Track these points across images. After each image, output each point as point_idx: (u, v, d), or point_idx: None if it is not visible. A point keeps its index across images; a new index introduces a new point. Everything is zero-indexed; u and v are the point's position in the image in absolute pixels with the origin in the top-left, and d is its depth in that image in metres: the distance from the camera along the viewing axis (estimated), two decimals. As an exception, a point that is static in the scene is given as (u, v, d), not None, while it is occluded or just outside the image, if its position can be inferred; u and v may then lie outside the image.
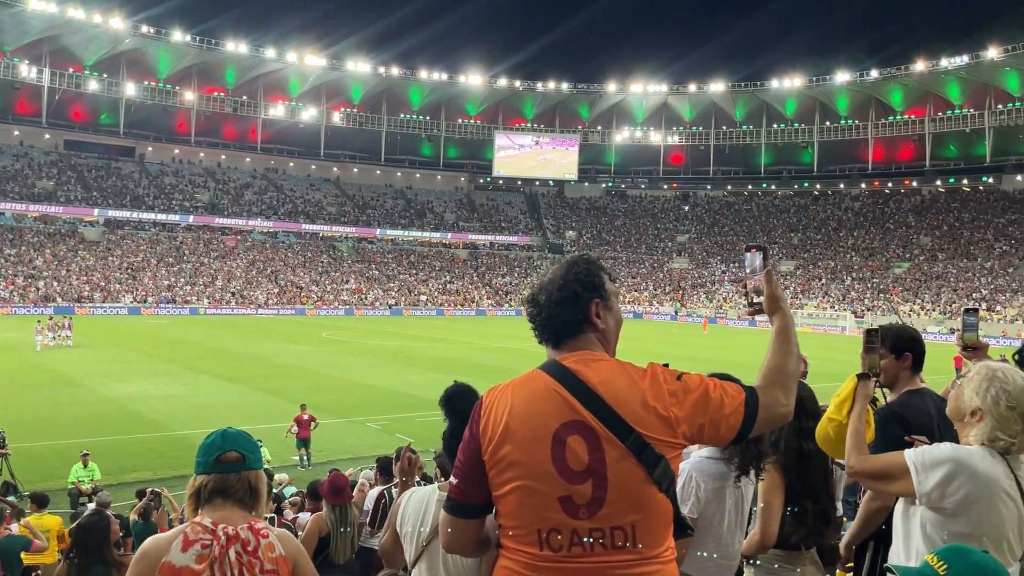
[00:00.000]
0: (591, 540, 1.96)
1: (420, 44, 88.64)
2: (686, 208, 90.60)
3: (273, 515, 6.36)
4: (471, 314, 67.60)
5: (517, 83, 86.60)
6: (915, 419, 3.16)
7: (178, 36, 71.72)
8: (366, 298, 67.96)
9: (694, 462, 3.31)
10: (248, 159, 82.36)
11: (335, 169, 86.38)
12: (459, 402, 2.96)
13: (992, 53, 68.18)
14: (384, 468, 7.61)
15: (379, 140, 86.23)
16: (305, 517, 6.65)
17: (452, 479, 2.17)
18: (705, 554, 3.28)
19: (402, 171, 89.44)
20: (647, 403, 2.00)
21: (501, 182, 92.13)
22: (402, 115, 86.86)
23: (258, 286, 65.39)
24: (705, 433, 2.05)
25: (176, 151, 79.10)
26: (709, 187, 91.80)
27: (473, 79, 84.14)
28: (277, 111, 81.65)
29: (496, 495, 2.07)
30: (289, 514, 8.35)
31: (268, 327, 48.78)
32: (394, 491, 6.26)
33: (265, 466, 11.97)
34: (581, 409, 1.99)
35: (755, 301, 2.36)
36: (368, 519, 6.35)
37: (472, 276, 77.51)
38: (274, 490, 10.96)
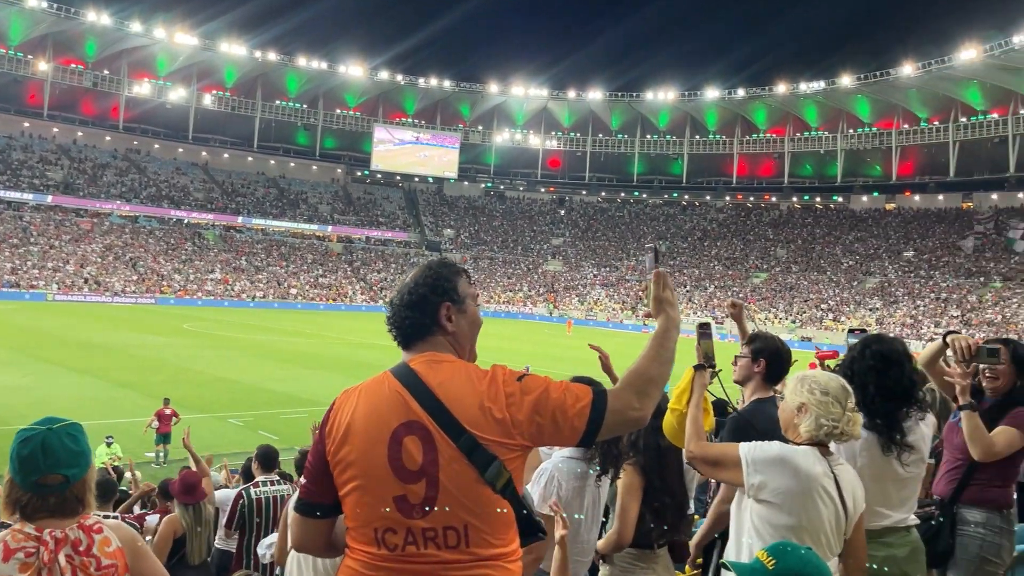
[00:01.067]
0: (425, 539, 1.99)
1: (299, 30, 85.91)
2: (562, 212, 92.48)
3: (115, 515, 6.02)
4: (344, 309, 66.35)
5: (399, 77, 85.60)
6: (762, 425, 3.34)
7: (33, 2, 66.53)
8: (232, 289, 65.42)
9: (555, 462, 3.38)
10: (108, 138, 77.46)
11: (204, 153, 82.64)
12: None
13: (846, 81, 73.28)
14: (247, 470, 7.37)
15: (252, 126, 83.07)
16: (153, 519, 6.33)
17: (301, 479, 2.21)
18: None
19: (276, 159, 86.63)
20: (483, 404, 2.00)
21: (379, 176, 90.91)
22: (278, 102, 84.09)
23: (115, 272, 61.63)
24: (546, 434, 2.05)
25: (26, 124, 73.36)
26: (584, 192, 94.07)
27: (354, 70, 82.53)
28: (142, 89, 77.20)
29: (340, 495, 2.10)
30: (137, 510, 7.93)
31: (125, 316, 46.09)
32: (252, 491, 6.08)
33: (115, 463, 11.30)
34: (419, 410, 2.02)
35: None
36: (225, 520, 6.12)
37: (346, 270, 76.08)
38: (125, 488, 10.37)
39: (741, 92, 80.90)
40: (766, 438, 2.95)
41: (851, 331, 4.30)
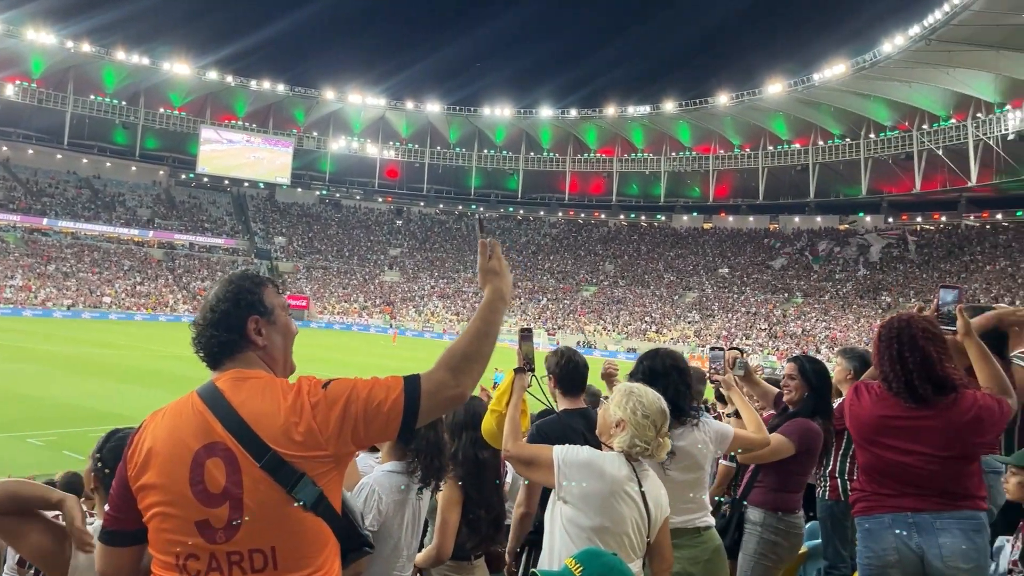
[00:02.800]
0: (230, 564, 1.93)
1: (118, 22, 79.94)
2: (399, 223, 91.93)
3: None
4: (165, 319, 62.45)
5: (229, 78, 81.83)
6: (556, 435, 3.52)
7: None
8: (36, 297, 59.92)
9: (376, 476, 3.37)
10: None
11: (5, 148, 75.23)
12: None
13: (669, 106, 77.87)
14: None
15: (63, 121, 76.40)
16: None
17: (106, 507, 2.09)
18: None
19: (89, 158, 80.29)
20: (288, 420, 1.94)
21: (206, 180, 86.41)
22: (93, 97, 78.00)
23: None
24: (362, 433, 1.99)
25: None
26: (422, 204, 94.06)
27: (179, 67, 78.04)
28: (-69, 74, 69.37)
29: (144, 521, 2.01)
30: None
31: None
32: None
33: None
34: (221, 430, 1.95)
35: None
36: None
37: (168, 278, 71.66)
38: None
39: (574, 112, 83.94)
40: (561, 443, 3.16)
41: (712, 348, 4.73)
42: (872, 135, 69.14)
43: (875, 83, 62.26)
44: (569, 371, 4.04)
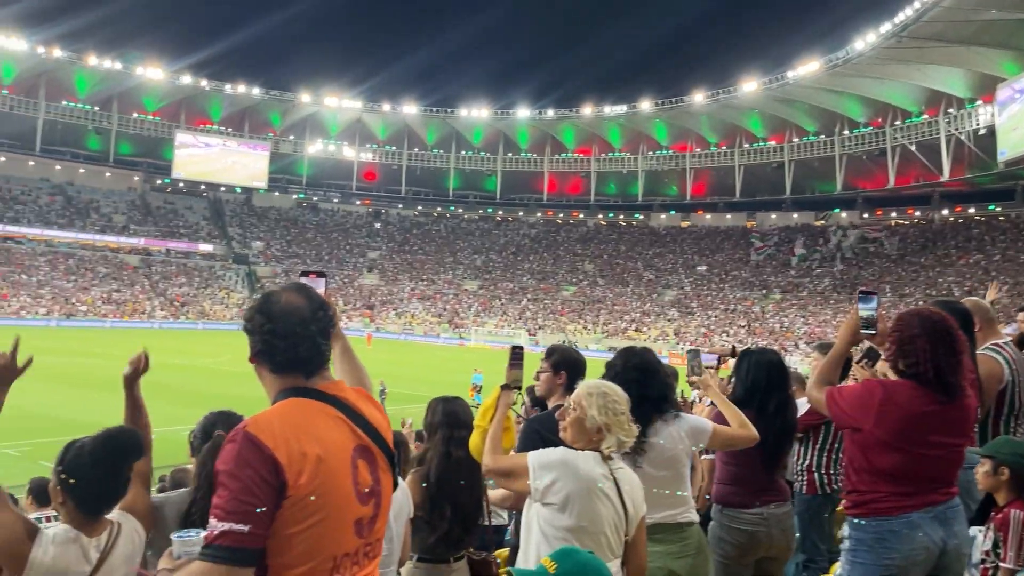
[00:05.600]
0: (363, 556, 2.13)
1: (90, 26, 78.92)
2: (378, 225, 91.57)
3: None
4: (142, 326, 61.79)
5: (203, 82, 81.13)
6: (553, 428, 3.55)
7: None
8: (10, 306, 59.09)
9: None
10: None
11: (-25, 156, 74.20)
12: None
13: (646, 105, 78.22)
14: (40, 494, 6.69)
15: (35, 127, 75.38)
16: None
17: (235, 526, 1.88)
18: None
19: (62, 164, 79.22)
20: (388, 426, 2.29)
21: (182, 185, 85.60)
22: (65, 102, 76.96)
23: None
24: None
25: None
26: (401, 206, 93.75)
27: (152, 72, 77.31)
28: (-103, 80, 68.18)
29: (291, 532, 1.95)
30: None
31: None
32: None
33: None
34: (361, 434, 2.14)
35: None
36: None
37: (144, 285, 70.90)
38: None
39: (551, 112, 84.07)
40: (554, 441, 3.15)
41: (689, 351, 4.65)
42: (846, 131, 69.85)
43: (848, 80, 62.91)
44: (581, 367, 4.07)
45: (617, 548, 2.97)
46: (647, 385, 3.70)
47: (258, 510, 1.90)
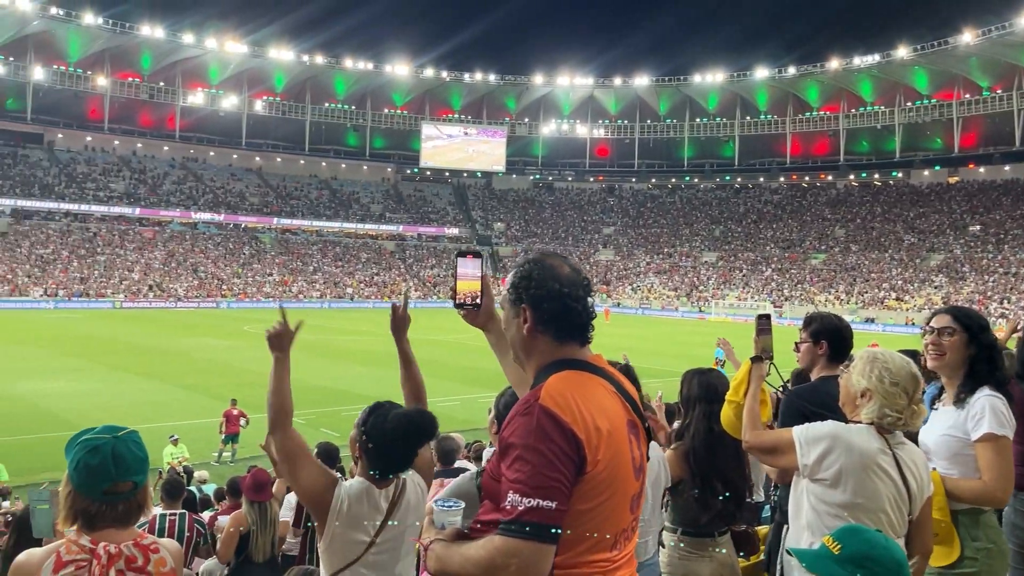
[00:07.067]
0: (631, 529, 2.05)
1: (345, 32, 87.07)
2: (612, 200, 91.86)
3: (184, 511, 6.17)
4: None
5: (444, 74, 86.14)
6: (816, 401, 3.30)
7: (90, 19, 68.75)
8: (291, 290, 66.71)
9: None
10: (166, 147, 79.68)
11: (257, 159, 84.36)
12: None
13: (902, 52, 71.12)
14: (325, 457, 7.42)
15: (303, 129, 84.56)
16: (224, 520, 6.45)
17: (543, 502, 1.81)
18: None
19: (327, 161, 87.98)
20: (639, 399, 2.18)
21: (428, 173, 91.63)
22: (327, 104, 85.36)
23: (177, 278, 63.42)
24: None
25: (88, 138, 75.92)
26: (634, 180, 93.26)
27: (399, 69, 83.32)
28: (196, 98, 79.14)
29: (582, 509, 1.89)
30: (205, 516, 8.12)
31: (187, 321, 47.39)
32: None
33: (184, 464, 11.58)
34: (629, 408, 2.06)
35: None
36: (292, 519, 6.20)
37: (400, 268, 76.91)
38: (193, 488, 10.67)
39: (792, 70, 79.21)
40: (819, 415, 2.95)
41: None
42: None
43: None
44: (844, 334, 3.73)
45: (900, 527, 2.72)
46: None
47: (561, 486, 1.82)
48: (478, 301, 2.42)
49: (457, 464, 5.66)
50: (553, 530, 1.82)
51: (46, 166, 70.92)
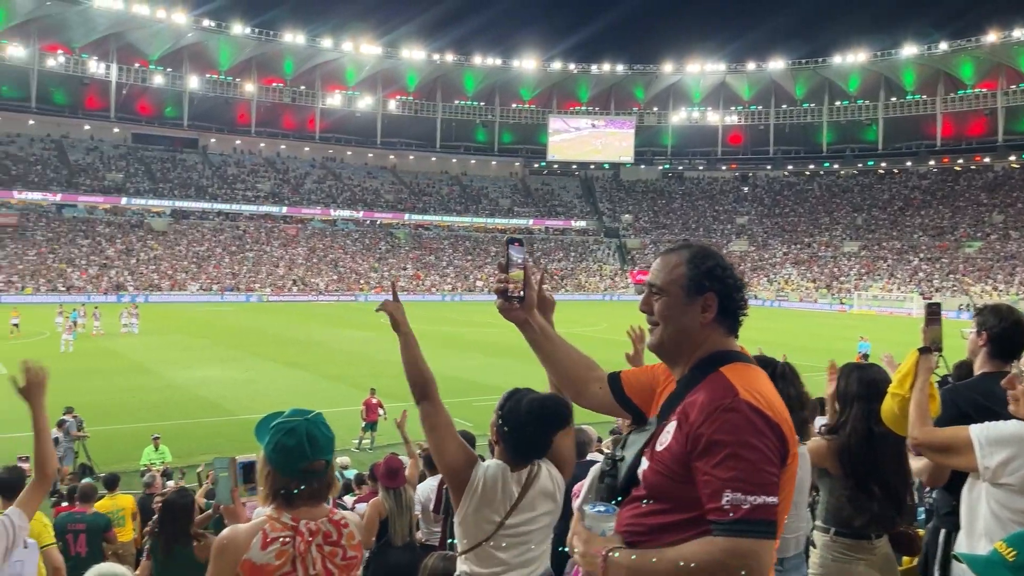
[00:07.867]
0: None
1: (473, 30, 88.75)
2: (745, 189, 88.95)
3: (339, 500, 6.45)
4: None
5: (571, 66, 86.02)
6: (970, 400, 3.10)
7: (238, 29, 73.20)
8: (424, 284, 68.64)
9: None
10: (307, 148, 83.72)
11: (391, 157, 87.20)
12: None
13: (1071, 21, 65.08)
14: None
15: (434, 127, 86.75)
16: (361, 507, 6.73)
17: (767, 498, 1.76)
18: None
19: (457, 157, 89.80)
20: None
21: (556, 167, 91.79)
22: (457, 101, 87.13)
23: (318, 273, 66.58)
24: None
25: (237, 142, 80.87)
26: (769, 167, 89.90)
27: (527, 63, 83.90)
28: (334, 100, 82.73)
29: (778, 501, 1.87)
30: (348, 500, 8.50)
31: (328, 313, 49.62)
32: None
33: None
34: None
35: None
36: (433, 505, 6.37)
37: (528, 261, 77.45)
38: (335, 473, 11.12)
39: (943, 46, 74.04)
40: (968, 416, 2.77)
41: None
42: None
43: None
44: (1012, 329, 3.48)
45: None
46: None
47: (777, 480, 1.79)
48: (521, 293, 2.33)
49: (589, 456, 5.67)
50: (776, 527, 1.78)
51: (200, 169, 76.07)
